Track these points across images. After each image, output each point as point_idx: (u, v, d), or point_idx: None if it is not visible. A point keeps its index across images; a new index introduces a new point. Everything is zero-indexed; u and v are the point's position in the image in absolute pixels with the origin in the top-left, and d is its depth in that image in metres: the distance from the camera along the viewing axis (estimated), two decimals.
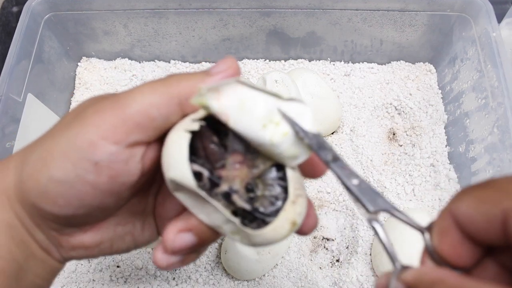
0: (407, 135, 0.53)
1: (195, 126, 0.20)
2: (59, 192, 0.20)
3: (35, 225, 0.22)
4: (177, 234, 0.21)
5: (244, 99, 0.20)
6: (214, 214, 0.20)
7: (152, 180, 0.25)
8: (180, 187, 0.20)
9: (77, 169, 0.20)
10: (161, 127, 0.21)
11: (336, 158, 0.20)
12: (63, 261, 0.24)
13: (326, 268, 0.46)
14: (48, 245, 0.23)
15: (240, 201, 0.20)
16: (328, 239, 0.47)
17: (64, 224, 0.22)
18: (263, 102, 0.20)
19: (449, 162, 0.51)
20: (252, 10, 0.52)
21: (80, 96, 0.57)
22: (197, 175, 0.20)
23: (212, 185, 0.20)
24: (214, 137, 0.21)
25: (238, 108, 0.20)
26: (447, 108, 0.54)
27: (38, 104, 0.49)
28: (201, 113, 0.21)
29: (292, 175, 0.21)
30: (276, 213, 0.20)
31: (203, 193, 0.19)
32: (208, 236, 0.21)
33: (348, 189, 0.20)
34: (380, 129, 0.54)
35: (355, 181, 0.20)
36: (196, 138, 0.20)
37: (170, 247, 0.21)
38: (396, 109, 0.55)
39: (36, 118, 0.48)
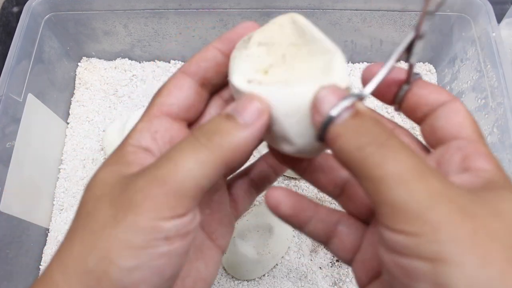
0: None
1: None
2: (138, 278, 0.19)
3: None
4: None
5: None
6: None
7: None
8: None
9: (147, 250, 0.19)
10: (208, 188, 0.20)
11: None
12: None
13: (326, 268, 0.46)
14: None
15: None
16: None
17: None
18: None
19: None
20: (252, 10, 0.52)
21: (80, 96, 0.57)
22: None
23: None
24: None
25: None
26: None
27: (38, 104, 0.49)
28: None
29: None
30: None
31: None
32: None
33: None
34: None
35: None
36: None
37: None
38: None
39: (36, 118, 0.48)
